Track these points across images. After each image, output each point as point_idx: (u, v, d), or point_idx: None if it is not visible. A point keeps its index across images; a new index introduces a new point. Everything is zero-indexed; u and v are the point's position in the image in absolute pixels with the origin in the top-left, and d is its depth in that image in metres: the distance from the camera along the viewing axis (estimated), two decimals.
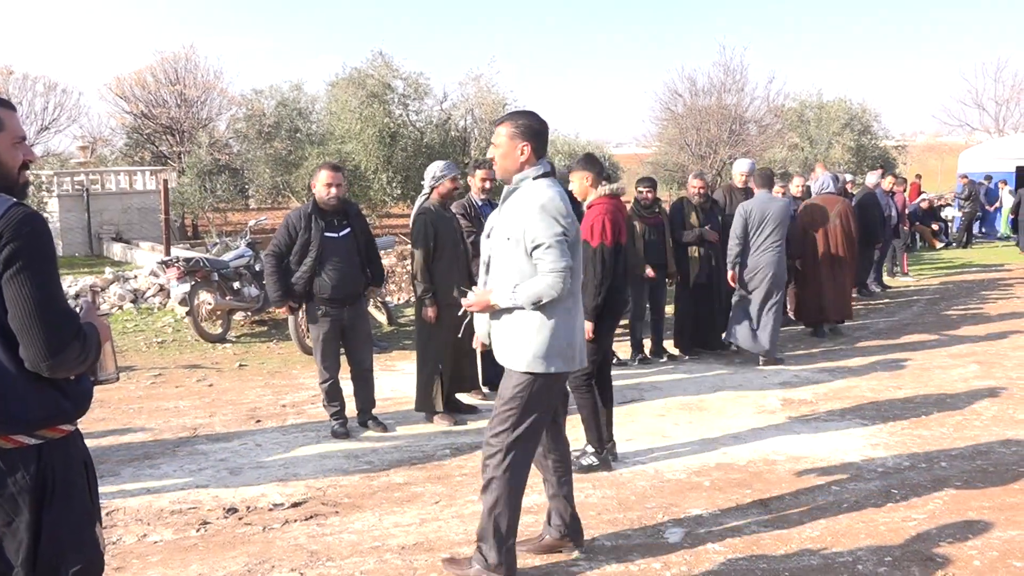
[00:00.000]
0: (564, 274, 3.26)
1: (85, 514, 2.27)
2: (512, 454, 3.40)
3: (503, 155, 3.43)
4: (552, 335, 3.34)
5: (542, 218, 3.29)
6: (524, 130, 3.40)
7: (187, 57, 20.54)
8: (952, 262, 15.56)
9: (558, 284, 3.26)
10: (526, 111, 3.55)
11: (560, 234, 3.28)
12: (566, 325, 3.38)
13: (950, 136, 38.17)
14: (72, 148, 22.97)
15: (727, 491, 4.59)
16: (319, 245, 5.44)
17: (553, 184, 3.40)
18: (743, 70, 22.03)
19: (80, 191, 18.03)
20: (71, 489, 2.22)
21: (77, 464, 2.27)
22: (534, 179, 3.39)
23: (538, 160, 3.42)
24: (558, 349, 3.35)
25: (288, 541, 4.03)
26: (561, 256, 3.27)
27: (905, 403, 6.27)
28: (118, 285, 10.29)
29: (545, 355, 3.34)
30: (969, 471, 4.82)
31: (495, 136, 3.48)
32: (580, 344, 3.48)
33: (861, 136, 23.16)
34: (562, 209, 3.31)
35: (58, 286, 2.13)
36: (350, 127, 16.81)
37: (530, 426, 3.41)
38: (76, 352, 2.12)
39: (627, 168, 27.11)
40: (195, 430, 5.91)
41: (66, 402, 2.18)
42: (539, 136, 3.43)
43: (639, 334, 7.95)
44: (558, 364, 3.37)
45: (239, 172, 18.67)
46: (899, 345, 8.45)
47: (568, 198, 3.50)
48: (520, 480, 3.46)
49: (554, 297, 3.28)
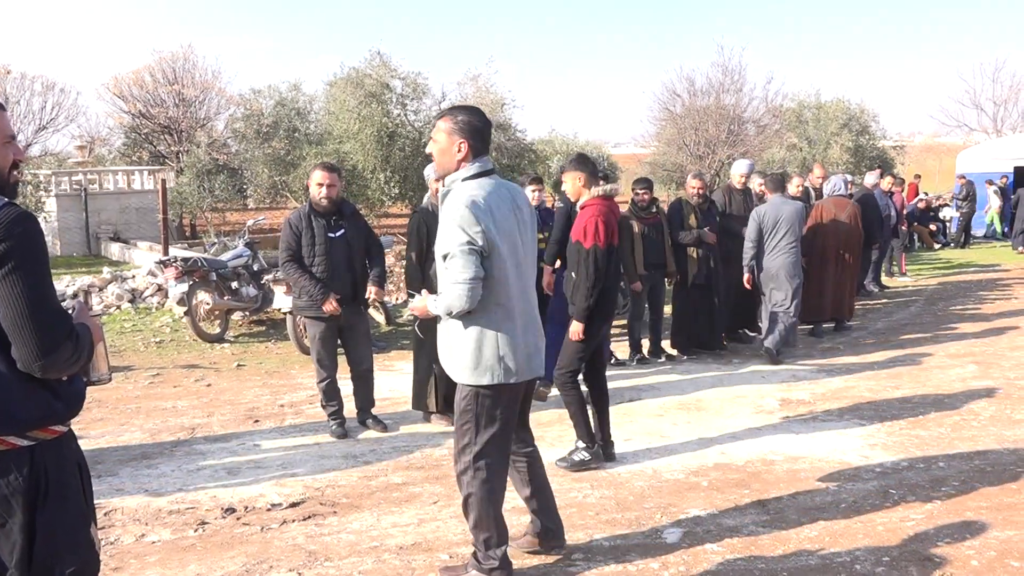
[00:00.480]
0: (467, 286, 3.11)
1: (80, 515, 2.27)
2: (481, 468, 3.35)
3: (440, 151, 3.30)
4: (479, 348, 3.24)
5: (449, 227, 3.16)
6: (463, 127, 3.25)
7: (185, 57, 20.55)
8: (950, 262, 15.58)
9: (463, 296, 3.12)
10: (468, 107, 3.41)
11: (465, 243, 3.11)
12: (495, 337, 3.24)
13: (948, 136, 38.22)
14: (70, 148, 22.96)
15: (725, 491, 4.60)
16: (325, 243, 5.47)
17: (480, 185, 3.23)
18: (741, 70, 22.03)
19: (78, 191, 18.02)
20: (65, 490, 2.22)
21: (70, 465, 2.26)
22: (463, 180, 3.26)
23: (475, 159, 3.28)
24: (488, 362, 3.24)
25: (286, 541, 4.03)
26: (465, 267, 3.11)
27: (903, 403, 6.28)
28: (116, 285, 10.27)
29: (476, 368, 3.25)
30: (967, 471, 4.83)
31: (434, 131, 3.34)
32: (525, 353, 3.32)
33: (859, 136, 23.18)
34: (469, 218, 3.11)
35: (50, 286, 2.13)
36: (348, 127, 16.80)
37: (491, 438, 3.34)
38: (69, 352, 2.12)
39: (625, 168, 27.11)
40: (193, 430, 5.90)
41: (58, 403, 2.18)
42: (478, 134, 3.27)
43: (637, 334, 7.95)
44: (490, 377, 3.26)
45: (237, 172, 18.65)
46: (897, 345, 8.46)
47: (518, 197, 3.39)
48: (496, 490, 3.41)
49: (463, 309, 3.16)
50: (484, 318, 3.23)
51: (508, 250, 3.24)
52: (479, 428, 3.33)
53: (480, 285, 3.15)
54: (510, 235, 3.26)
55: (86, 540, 2.29)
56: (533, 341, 3.40)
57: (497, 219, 3.20)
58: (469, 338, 3.26)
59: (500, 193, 3.29)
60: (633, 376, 7.33)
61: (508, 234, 3.25)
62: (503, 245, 3.21)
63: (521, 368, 3.32)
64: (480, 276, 3.14)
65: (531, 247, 3.45)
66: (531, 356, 3.37)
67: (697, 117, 21.70)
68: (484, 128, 3.32)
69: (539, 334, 3.47)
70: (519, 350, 3.29)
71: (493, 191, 3.26)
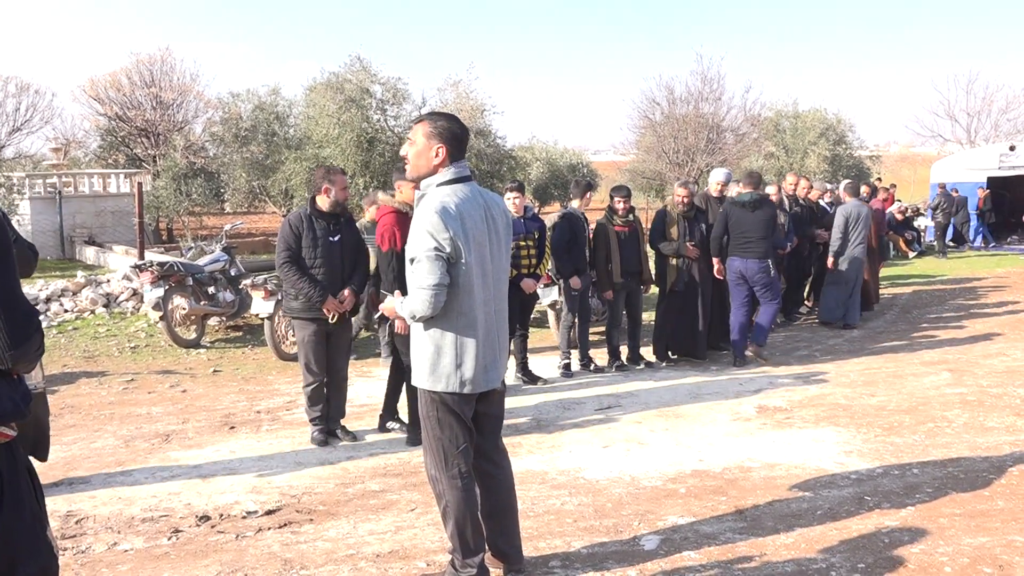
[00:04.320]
0: (431, 292, 3.11)
1: (36, 519, 2.24)
2: (453, 476, 3.34)
3: (417, 154, 3.28)
4: (437, 354, 3.23)
5: (418, 231, 3.15)
6: (442, 131, 3.25)
7: (163, 59, 20.42)
8: (925, 271, 15.76)
9: (425, 301, 3.12)
10: (447, 113, 3.41)
11: (432, 249, 3.11)
12: (453, 346, 3.22)
13: (923, 147, 38.75)
14: (45, 150, 22.71)
15: (703, 498, 4.61)
16: (326, 246, 5.46)
17: (455, 192, 3.22)
18: (720, 79, 22.29)
19: (52, 193, 17.81)
20: (19, 494, 2.19)
21: (22, 469, 2.23)
22: (438, 185, 3.24)
23: (452, 164, 3.26)
24: (445, 369, 3.23)
25: (261, 549, 3.99)
26: (430, 272, 3.10)
27: (878, 410, 6.34)
28: (90, 289, 10.15)
29: (432, 373, 3.25)
30: (941, 478, 4.87)
31: (411, 133, 3.33)
32: (483, 364, 3.27)
33: (836, 146, 23.46)
34: (437, 224, 3.11)
35: (17, 280, 2.13)
36: (328, 132, 16.75)
37: (449, 445, 3.31)
38: (36, 345, 2.13)
39: (605, 175, 27.25)
40: (168, 437, 5.83)
41: (16, 400, 2.16)
42: (457, 140, 3.26)
43: (615, 341, 7.97)
44: (444, 384, 3.25)
45: (214, 176, 18.53)
46: (872, 353, 8.54)
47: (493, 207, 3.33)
48: (470, 498, 3.37)
49: (426, 314, 3.15)
50: (445, 325, 3.22)
51: (476, 259, 3.21)
52: (442, 435, 3.32)
53: (444, 292, 3.14)
54: (480, 244, 3.23)
55: (45, 543, 2.26)
56: (493, 353, 3.34)
57: (467, 227, 3.18)
58: (429, 343, 3.26)
59: (475, 201, 3.26)
60: (612, 383, 7.34)
61: (478, 243, 3.22)
62: (471, 254, 3.18)
63: (477, 379, 3.28)
64: (444, 283, 3.13)
65: (502, 258, 3.42)
66: (488, 368, 3.32)
67: (676, 125, 21.88)
68: (462, 135, 3.32)
69: (501, 347, 3.42)
70: (477, 361, 3.26)
71: (467, 198, 3.23)
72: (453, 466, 3.34)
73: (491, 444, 3.55)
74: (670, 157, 21.78)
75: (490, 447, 3.55)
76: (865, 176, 22.54)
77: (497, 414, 3.55)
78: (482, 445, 3.50)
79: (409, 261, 3.20)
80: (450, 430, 3.32)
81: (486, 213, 3.29)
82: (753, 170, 9.95)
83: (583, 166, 24.50)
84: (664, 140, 22.11)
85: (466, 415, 3.35)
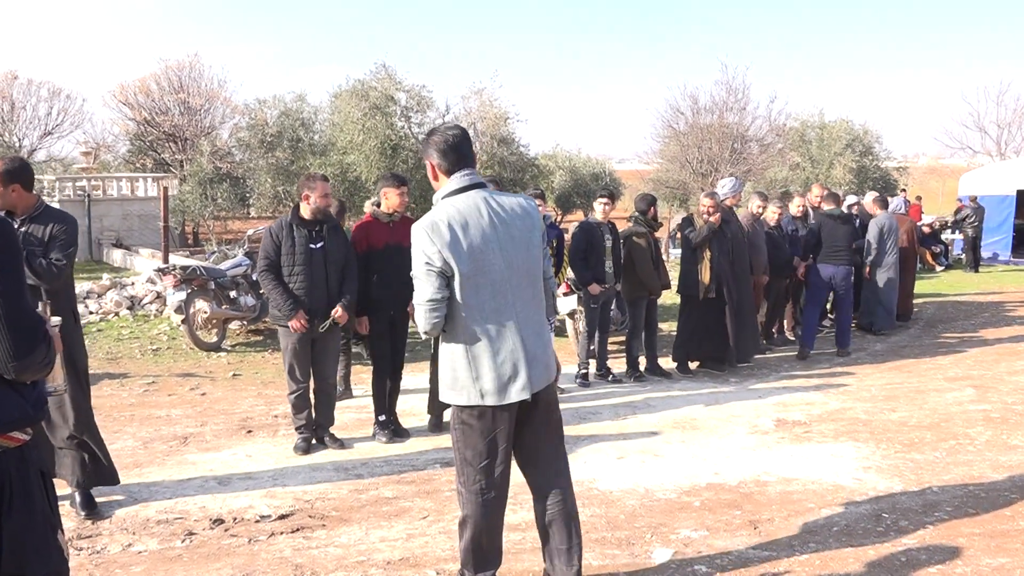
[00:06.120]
0: (426, 307, 3.12)
1: (47, 523, 2.26)
2: (467, 491, 3.30)
3: (429, 177, 3.33)
4: (453, 368, 3.22)
5: (412, 249, 3.15)
6: (429, 147, 3.25)
7: (191, 65, 20.68)
8: (952, 285, 15.55)
9: (422, 316, 3.15)
10: (440, 126, 3.34)
11: (423, 264, 3.10)
12: (465, 359, 3.18)
13: (952, 159, 38.24)
14: (75, 153, 23.07)
15: (717, 512, 4.57)
16: (305, 254, 5.45)
17: (453, 203, 3.15)
18: (745, 89, 22.12)
19: (81, 196, 18.08)
20: (30, 498, 2.21)
21: (34, 473, 2.25)
22: (441, 199, 3.21)
23: (450, 175, 3.22)
24: (462, 382, 3.20)
25: (273, 554, 4.00)
26: (424, 288, 3.12)
27: (899, 426, 6.25)
28: (115, 291, 10.28)
29: (453, 387, 3.23)
30: (961, 496, 4.79)
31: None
32: (498, 375, 3.17)
33: (863, 157, 23.19)
34: (423, 240, 3.09)
35: (26, 289, 2.15)
36: (352, 138, 16.83)
37: (478, 460, 3.24)
38: (42, 355, 2.14)
39: (629, 184, 27.16)
40: (186, 439, 5.89)
41: (28, 406, 2.18)
42: (450, 150, 3.21)
43: (635, 351, 7.94)
44: (465, 397, 3.20)
45: (240, 181, 18.71)
46: (895, 367, 8.43)
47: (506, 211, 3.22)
48: (489, 514, 3.30)
49: (428, 329, 3.17)
50: (454, 338, 3.20)
51: (475, 270, 3.12)
52: (466, 449, 3.27)
53: (440, 306, 3.13)
54: (480, 254, 3.12)
55: (55, 547, 2.28)
56: (512, 364, 3.19)
57: (461, 239, 3.09)
58: (445, 358, 3.25)
59: (475, 209, 3.15)
60: (629, 393, 7.31)
61: (478, 253, 3.12)
62: (464, 265, 3.10)
63: (498, 391, 3.18)
64: (437, 297, 3.11)
65: (522, 261, 3.23)
66: (513, 377, 3.19)
67: (700, 135, 21.76)
68: (457, 142, 3.23)
69: (530, 355, 3.22)
70: (494, 372, 3.17)
71: (464, 208, 3.14)
72: (475, 481, 3.28)
73: (544, 458, 3.39)
74: (694, 167, 21.67)
75: (543, 461, 3.39)
76: (891, 188, 22.28)
77: (541, 429, 3.36)
78: (530, 463, 3.39)
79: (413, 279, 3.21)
80: (473, 446, 3.26)
81: (494, 220, 3.17)
82: (833, 191, 10.57)
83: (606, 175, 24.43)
84: (688, 150, 22.01)
85: (492, 430, 3.24)
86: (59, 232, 4.20)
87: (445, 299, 3.13)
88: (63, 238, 4.20)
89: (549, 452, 3.41)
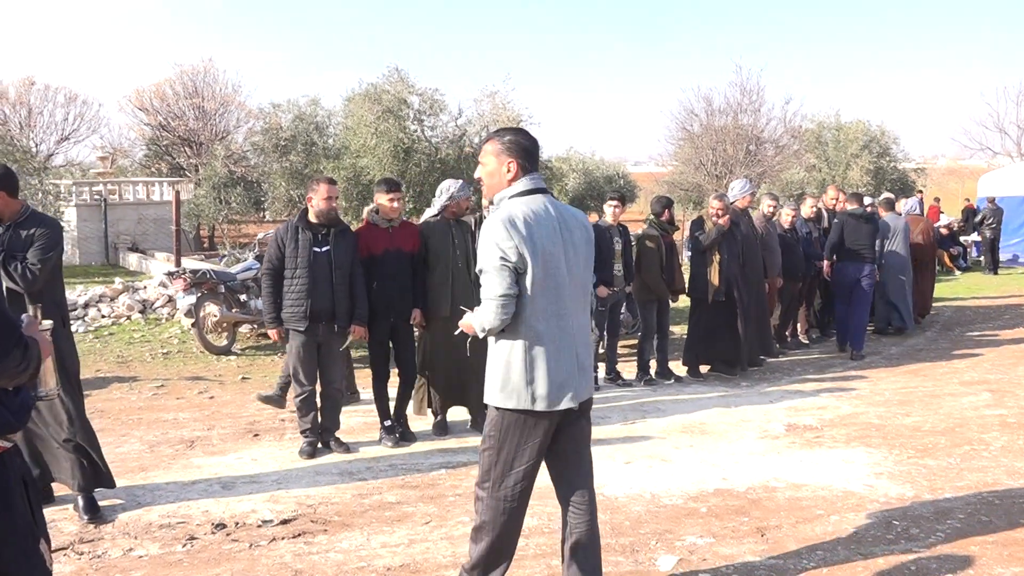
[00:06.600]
0: (498, 302, 3.03)
1: (28, 532, 2.23)
2: (492, 500, 3.21)
3: (489, 174, 3.24)
4: (507, 369, 3.11)
5: (485, 242, 3.08)
6: (511, 146, 3.20)
7: (206, 70, 20.81)
8: (970, 288, 15.35)
9: (492, 313, 3.05)
10: (513, 128, 3.32)
11: (498, 259, 3.03)
12: (523, 360, 3.09)
13: (971, 160, 37.79)
14: (92, 158, 23.27)
15: (724, 518, 4.50)
16: (308, 257, 5.44)
17: (526, 203, 3.14)
18: (760, 90, 21.95)
19: (98, 201, 18.22)
20: (11, 505, 2.18)
21: (15, 481, 2.22)
22: (510, 198, 3.18)
23: (525, 176, 3.20)
24: (515, 385, 3.10)
25: (273, 559, 3.98)
26: (497, 283, 3.03)
27: (912, 431, 6.15)
28: (127, 295, 10.33)
29: (503, 389, 3.12)
30: (974, 504, 4.70)
31: (482, 155, 3.29)
32: (556, 381, 3.10)
33: (880, 158, 22.96)
34: (502, 234, 3.03)
35: (2, 294, 2.12)
36: (365, 142, 16.84)
37: (511, 467, 3.16)
38: (17, 361, 2.10)
39: (643, 187, 27.08)
40: (192, 443, 5.88)
41: (7, 413, 2.15)
42: (527, 152, 3.21)
43: (647, 355, 7.87)
44: (515, 400, 3.10)
45: (254, 185, 18.81)
46: (910, 371, 8.31)
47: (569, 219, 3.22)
48: (507, 521, 3.23)
49: (494, 325, 3.06)
50: (514, 339, 3.11)
51: (544, 271, 3.09)
52: (499, 455, 3.18)
53: (511, 302, 3.05)
54: (550, 256, 3.10)
55: (37, 558, 2.25)
56: (568, 368, 3.14)
57: (535, 237, 3.07)
58: (499, 358, 3.14)
59: (546, 212, 3.15)
60: (639, 397, 7.24)
61: (548, 254, 3.10)
62: (537, 265, 3.07)
63: (551, 396, 3.10)
64: (510, 293, 3.04)
65: (581, 272, 3.24)
66: (564, 385, 3.12)
67: (715, 137, 21.63)
68: (532, 147, 3.24)
69: (581, 365, 3.20)
70: (550, 376, 3.10)
71: (537, 209, 3.14)
72: (502, 487, 3.20)
73: (578, 470, 3.33)
74: (708, 169, 21.54)
75: (577, 473, 3.33)
76: (909, 190, 22.04)
77: (579, 438, 3.31)
78: (568, 470, 3.32)
79: (478, 273, 3.15)
80: (510, 450, 3.17)
81: (559, 225, 3.17)
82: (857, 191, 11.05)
83: (620, 177, 24.39)
84: (702, 152, 21.88)
85: (536, 437, 3.18)
86: (40, 236, 4.20)
87: (515, 296, 3.06)
88: (42, 242, 4.20)
89: (580, 459, 3.35)
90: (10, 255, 4.15)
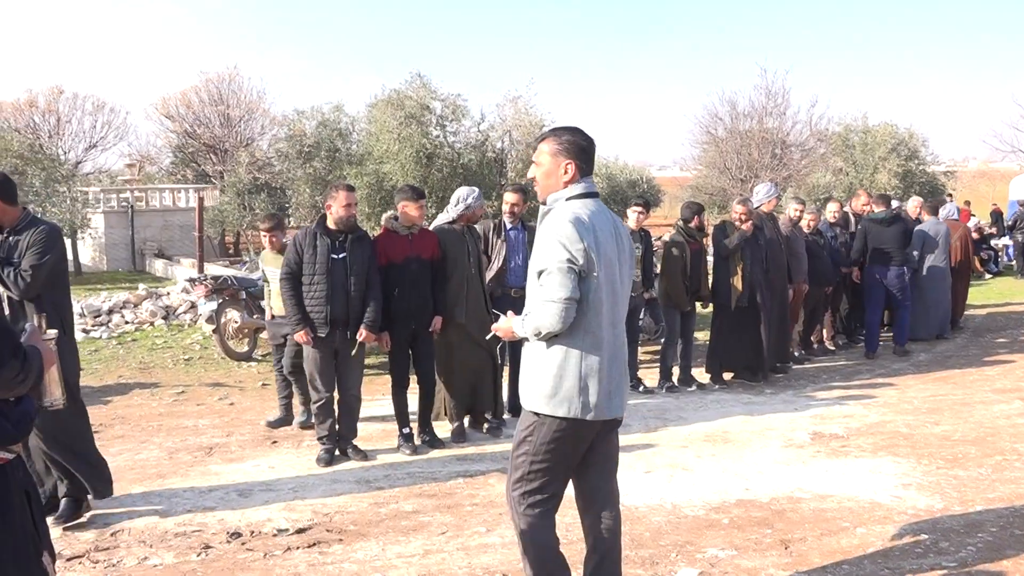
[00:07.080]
0: (562, 305, 2.90)
1: (28, 545, 2.20)
2: (525, 507, 3.11)
3: (545, 174, 3.11)
4: (560, 375, 2.98)
5: (548, 242, 2.96)
6: (569, 147, 3.08)
7: (231, 78, 20.98)
8: (1001, 293, 15.05)
9: (554, 315, 2.91)
10: (570, 127, 3.20)
11: (564, 260, 2.91)
12: (578, 366, 2.98)
13: (1003, 162, 37.14)
14: (119, 166, 23.55)
15: (746, 530, 4.39)
16: (326, 263, 5.41)
17: (585, 206, 3.04)
18: (785, 93, 21.73)
19: (125, 208, 18.42)
20: (10, 517, 2.15)
21: (16, 493, 2.19)
22: (567, 200, 3.06)
23: (582, 179, 3.09)
24: (567, 392, 2.98)
25: (288, 569, 3.94)
26: (561, 285, 2.90)
27: (942, 440, 5.99)
28: (150, 301, 10.40)
29: (553, 397, 2.99)
30: (1007, 516, 4.55)
31: (536, 154, 3.15)
32: (607, 389, 3.03)
33: (908, 161, 22.61)
34: (571, 235, 2.92)
35: None
36: (388, 147, 16.89)
37: (548, 475, 3.07)
38: (15, 371, 2.07)
39: (667, 191, 26.91)
40: (211, 450, 5.88)
41: (7, 424, 2.12)
42: (584, 153, 3.10)
43: (669, 361, 7.77)
44: (566, 409, 2.99)
45: (277, 191, 18.92)
46: (940, 378, 8.13)
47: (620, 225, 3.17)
48: (541, 537, 3.14)
49: (554, 329, 2.93)
50: (570, 344, 3.00)
51: (605, 276, 3.02)
52: (536, 462, 3.08)
53: (574, 306, 2.94)
54: (610, 262, 3.05)
55: (39, 570, 2.22)
56: (617, 378, 3.08)
57: (599, 241, 3.00)
58: (551, 364, 3.02)
59: (605, 217, 3.10)
60: (660, 404, 7.15)
61: (607, 260, 3.03)
62: (601, 270, 3.00)
63: (601, 405, 3.03)
64: (575, 297, 2.93)
65: (627, 280, 3.19)
66: (612, 394, 3.06)
67: (739, 140, 21.44)
68: (589, 147, 3.14)
69: (624, 372, 3.15)
70: (602, 384, 3.02)
71: (598, 212, 3.07)
72: (533, 495, 3.11)
73: (606, 484, 3.27)
74: (733, 173, 21.35)
75: (605, 487, 3.26)
76: (938, 193, 21.67)
77: (609, 453, 3.25)
78: (597, 483, 3.25)
79: (536, 274, 3.04)
80: (549, 459, 3.08)
81: (615, 231, 3.11)
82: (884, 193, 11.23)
83: (643, 182, 24.21)
84: (727, 156, 21.70)
85: (578, 447, 3.11)
86: (35, 241, 4.15)
87: (578, 300, 2.96)
88: (36, 248, 4.15)
89: (608, 475, 3.28)
90: (7, 262, 4.13)
